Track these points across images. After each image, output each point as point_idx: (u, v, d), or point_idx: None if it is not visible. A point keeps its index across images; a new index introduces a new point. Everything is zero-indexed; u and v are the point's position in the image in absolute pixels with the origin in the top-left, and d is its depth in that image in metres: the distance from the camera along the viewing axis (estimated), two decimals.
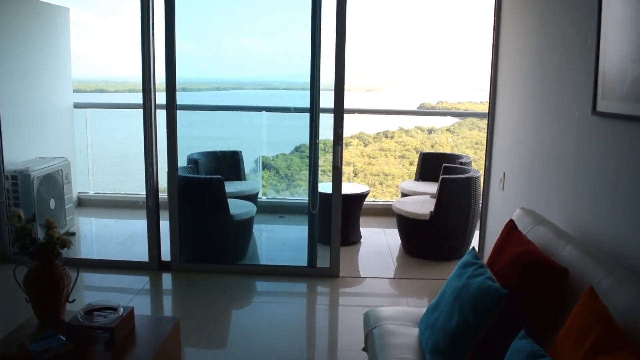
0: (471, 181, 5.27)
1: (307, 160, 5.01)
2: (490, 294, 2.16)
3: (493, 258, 2.67)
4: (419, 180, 6.57)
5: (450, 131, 17.51)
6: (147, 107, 4.81)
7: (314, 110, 4.76)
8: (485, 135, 4.90)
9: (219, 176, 5.07)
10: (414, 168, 13.07)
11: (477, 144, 12.51)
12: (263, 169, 7.28)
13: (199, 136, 7.27)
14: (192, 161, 5.87)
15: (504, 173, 4.41)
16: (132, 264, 5.06)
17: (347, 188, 5.73)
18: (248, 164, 6.92)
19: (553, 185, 3.38)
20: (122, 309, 2.62)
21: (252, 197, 6.03)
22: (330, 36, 4.60)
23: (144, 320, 2.85)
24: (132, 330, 2.67)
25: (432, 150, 8.84)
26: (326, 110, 4.82)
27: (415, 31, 19.66)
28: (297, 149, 7.53)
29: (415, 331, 2.72)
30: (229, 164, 6.34)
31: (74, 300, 2.76)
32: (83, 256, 5.48)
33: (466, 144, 13.01)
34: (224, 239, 5.19)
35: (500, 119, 4.58)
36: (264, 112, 6.94)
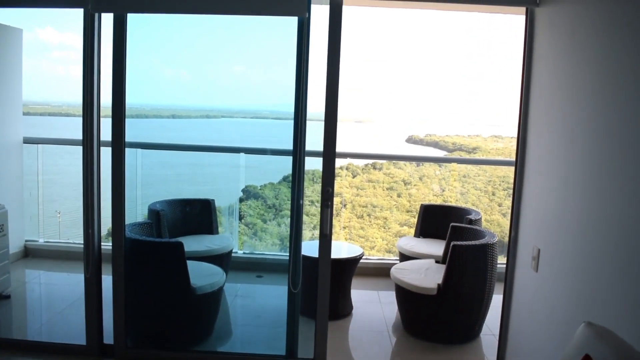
0: (487, 249, 4.12)
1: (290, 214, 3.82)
2: None
3: None
4: (419, 237, 5.40)
5: (438, 164, 16.61)
6: (88, 144, 3.64)
7: (297, 159, 3.59)
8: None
9: (178, 240, 3.88)
10: (401, 200, 12.27)
11: (464, 177, 11.75)
12: (240, 219, 6.10)
13: (163, 179, 6.17)
14: (153, 214, 4.69)
15: (539, 250, 3.27)
16: (66, 348, 3.82)
17: (336, 250, 4.56)
18: (224, 205, 5.81)
19: (622, 278, 2.26)
20: None
21: (224, 257, 4.84)
22: (317, 61, 3.50)
23: None
24: None
25: (434, 203, 7.72)
26: (313, 154, 3.71)
27: (402, 63, 18.80)
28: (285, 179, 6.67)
29: None
30: (198, 215, 5.16)
31: None
32: (15, 329, 4.27)
33: (454, 176, 12.15)
34: (183, 317, 3.98)
35: (533, 174, 3.45)
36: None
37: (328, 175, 3.53)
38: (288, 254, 3.68)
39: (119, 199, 3.67)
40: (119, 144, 3.64)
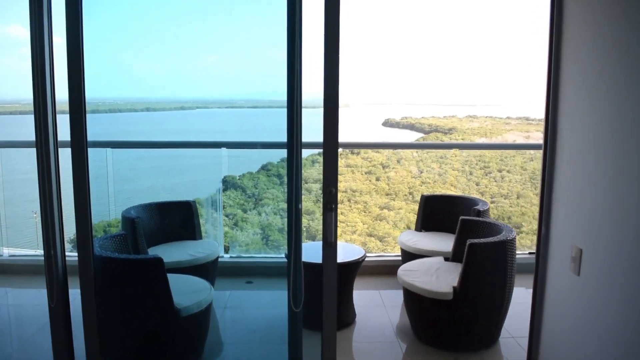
0: (507, 246, 3.54)
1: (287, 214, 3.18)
2: None
3: None
4: (421, 231, 4.81)
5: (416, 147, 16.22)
6: (43, 147, 2.94)
7: (294, 154, 2.95)
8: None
9: (157, 256, 3.21)
10: (381, 184, 11.80)
11: (441, 157, 11.51)
12: (225, 216, 5.44)
13: (138, 176, 5.52)
14: (128, 222, 4.01)
15: (581, 250, 2.69)
16: None
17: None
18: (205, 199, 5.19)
19: None
20: None
21: (210, 266, 4.20)
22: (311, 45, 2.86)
23: None
24: None
25: (435, 192, 7.18)
26: (309, 145, 3.11)
27: (373, 45, 18.27)
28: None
29: None
30: (178, 219, 4.49)
31: None
32: None
33: (431, 158, 11.89)
34: (168, 341, 3.32)
35: (566, 164, 2.87)
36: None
37: (330, 172, 2.89)
38: (279, 257, 3.08)
39: (83, 209, 2.99)
40: (79, 144, 2.94)
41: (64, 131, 2.99)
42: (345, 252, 4.10)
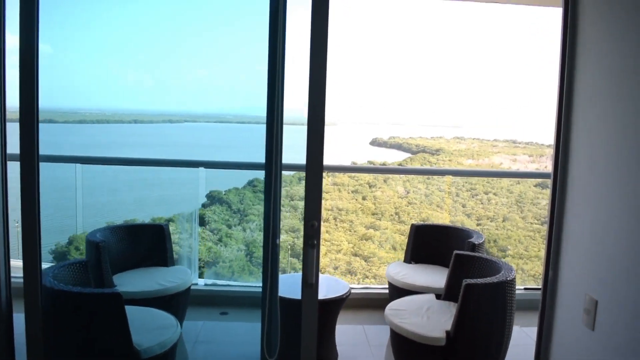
0: (506, 287, 3.16)
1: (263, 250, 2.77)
2: None
3: None
4: (410, 263, 4.41)
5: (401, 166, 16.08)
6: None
7: (272, 180, 2.56)
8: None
9: (114, 291, 2.80)
10: (367, 204, 11.51)
11: (428, 178, 11.39)
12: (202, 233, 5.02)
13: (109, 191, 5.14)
14: (92, 246, 3.59)
15: (596, 302, 2.32)
16: None
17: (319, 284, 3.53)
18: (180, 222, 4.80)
19: None
20: None
21: (180, 296, 3.78)
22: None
23: None
24: None
25: (427, 222, 6.83)
26: (292, 168, 2.72)
27: (363, 64, 18.07)
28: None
29: None
30: (149, 244, 4.06)
31: None
32: None
33: (418, 178, 11.71)
34: None
35: (580, 201, 2.50)
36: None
37: (313, 204, 2.50)
38: (258, 285, 2.69)
39: (31, 233, 2.58)
40: (30, 158, 2.53)
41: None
42: (329, 287, 3.69)
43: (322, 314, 3.47)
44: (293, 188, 8.23)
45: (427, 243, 4.39)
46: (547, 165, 14.44)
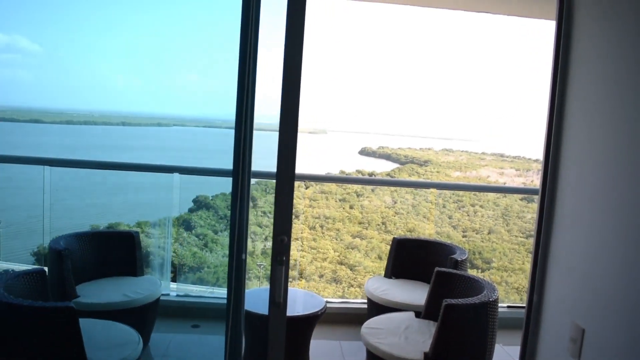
0: (489, 308, 2.96)
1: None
2: None
3: None
4: (391, 278, 4.20)
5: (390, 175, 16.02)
6: None
7: (238, 196, 2.35)
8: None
9: (67, 304, 2.56)
10: (354, 212, 11.39)
11: (416, 189, 11.28)
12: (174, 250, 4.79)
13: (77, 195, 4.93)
14: (55, 254, 3.35)
15: (583, 330, 2.12)
16: None
17: (290, 301, 3.32)
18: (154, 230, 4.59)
19: None
20: None
21: (149, 308, 3.54)
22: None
23: None
24: None
25: (409, 236, 6.61)
26: (259, 175, 2.51)
27: (355, 74, 17.95)
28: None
29: None
30: (117, 252, 3.83)
31: None
32: None
33: (405, 188, 11.61)
34: None
35: (568, 221, 2.31)
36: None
37: (282, 218, 2.29)
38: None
39: None
40: None
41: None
42: (305, 302, 3.47)
43: (296, 331, 3.26)
44: (266, 197, 8.09)
45: (409, 258, 4.19)
46: (534, 180, 14.35)
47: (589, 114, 2.22)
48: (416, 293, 3.84)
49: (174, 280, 4.69)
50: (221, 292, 4.92)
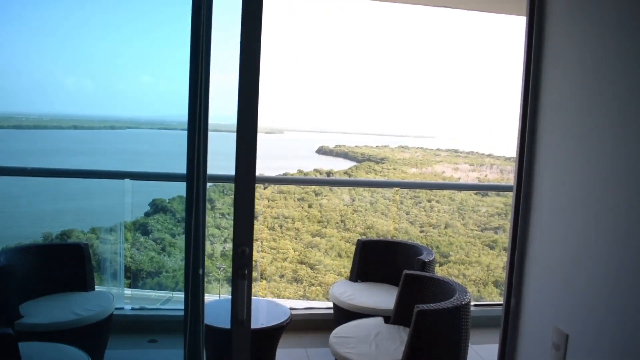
0: (461, 312, 2.80)
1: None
2: None
3: None
4: (356, 281, 4.01)
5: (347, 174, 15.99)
6: None
7: (194, 197, 2.11)
8: None
9: (6, 330, 2.26)
10: (313, 211, 11.27)
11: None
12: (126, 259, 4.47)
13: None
14: None
15: (567, 336, 1.98)
16: None
17: (254, 311, 3.10)
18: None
19: None
20: None
21: (101, 326, 3.24)
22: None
23: None
24: None
25: (374, 237, 6.45)
26: (216, 179, 2.28)
27: (311, 73, 17.79)
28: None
29: None
30: (65, 266, 3.50)
31: None
32: None
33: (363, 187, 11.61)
34: None
35: (546, 222, 2.17)
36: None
37: (243, 227, 2.06)
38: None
39: None
40: None
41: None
42: (269, 312, 3.25)
43: (261, 343, 3.04)
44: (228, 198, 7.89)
45: (374, 260, 4.01)
46: (487, 174, 14.52)
47: (564, 107, 2.09)
48: (384, 297, 3.67)
49: (130, 286, 4.41)
50: (180, 300, 4.65)
